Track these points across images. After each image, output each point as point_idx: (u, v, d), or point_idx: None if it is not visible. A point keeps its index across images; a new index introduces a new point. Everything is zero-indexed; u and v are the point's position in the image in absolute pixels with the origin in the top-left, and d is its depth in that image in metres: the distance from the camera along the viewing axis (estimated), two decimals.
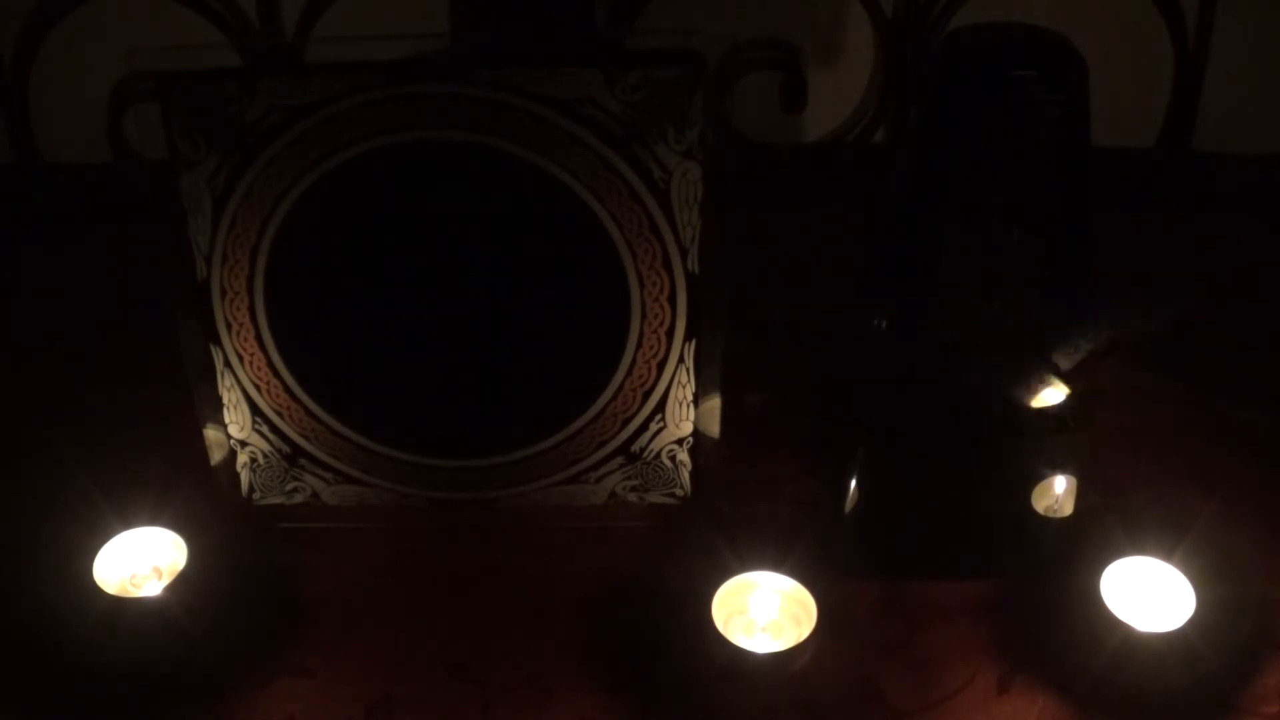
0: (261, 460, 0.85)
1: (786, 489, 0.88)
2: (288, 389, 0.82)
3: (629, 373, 0.81)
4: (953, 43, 0.71)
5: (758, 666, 0.73)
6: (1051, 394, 0.76)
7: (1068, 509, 0.80)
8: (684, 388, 0.81)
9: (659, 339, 0.80)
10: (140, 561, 0.78)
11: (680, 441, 0.84)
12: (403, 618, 0.80)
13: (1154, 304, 1.06)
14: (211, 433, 0.84)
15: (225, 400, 0.83)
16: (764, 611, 0.75)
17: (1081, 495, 0.80)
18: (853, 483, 0.80)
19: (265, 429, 0.84)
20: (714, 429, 0.83)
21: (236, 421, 0.84)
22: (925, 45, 1.10)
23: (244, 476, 0.86)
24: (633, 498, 0.86)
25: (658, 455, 0.84)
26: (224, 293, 0.79)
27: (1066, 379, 0.76)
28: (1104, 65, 0.73)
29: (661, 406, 0.82)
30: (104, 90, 1.09)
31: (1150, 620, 0.74)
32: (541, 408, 0.83)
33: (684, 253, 0.77)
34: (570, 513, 0.86)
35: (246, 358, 0.81)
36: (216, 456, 0.85)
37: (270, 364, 0.81)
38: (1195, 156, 1.17)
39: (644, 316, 0.79)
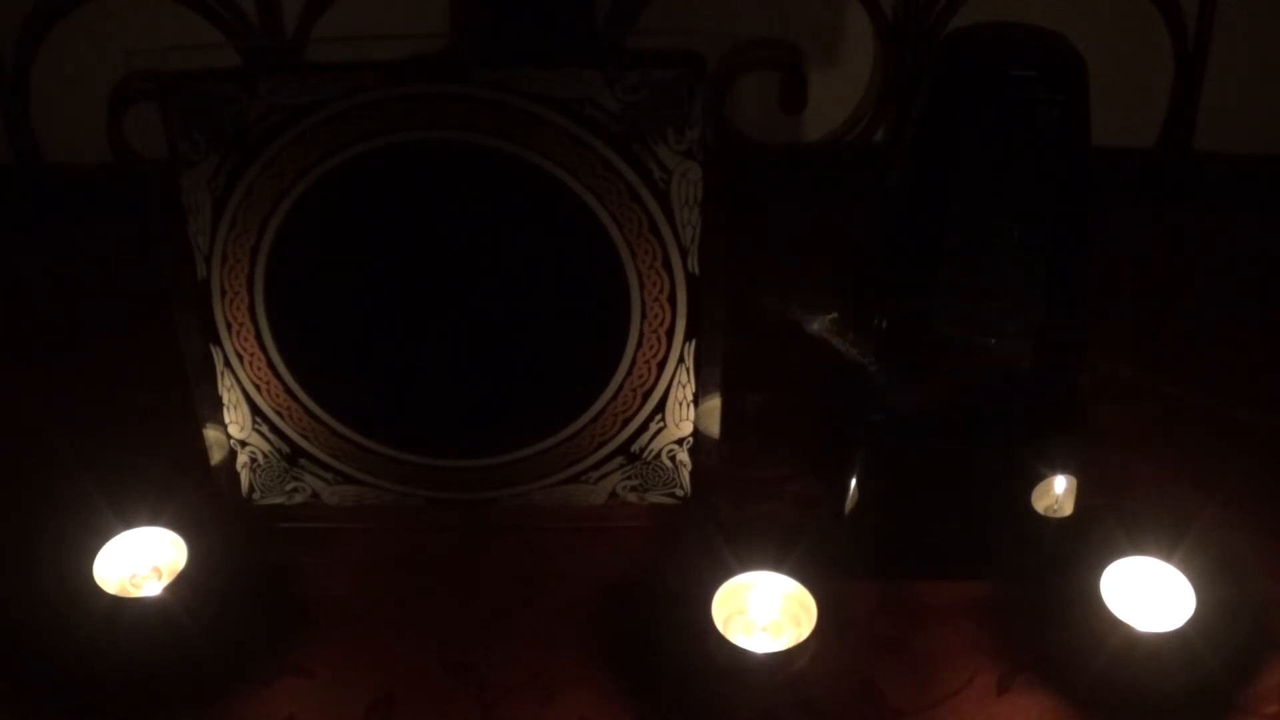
0: (261, 460, 0.85)
1: (786, 489, 0.88)
2: (288, 389, 0.82)
3: (629, 373, 0.81)
4: (953, 43, 0.71)
5: (758, 666, 0.73)
6: (1051, 394, 0.76)
7: (1068, 509, 0.80)
8: (684, 388, 0.81)
9: (659, 339, 0.80)
10: (140, 561, 0.78)
11: (680, 441, 0.84)
12: (403, 618, 0.80)
13: (1152, 303, 1.06)
14: (211, 433, 0.84)
15: (225, 400, 0.83)
16: (764, 611, 0.75)
17: (1081, 495, 0.80)
18: (853, 483, 0.80)
19: (265, 429, 0.84)
20: (714, 429, 0.83)
21: (236, 421, 0.84)
22: (925, 45, 1.10)
23: (244, 476, 0.86)
24: (633, 498, 0.86)
25: (658, 455, 0.84)
26: (224, 293, 0.79)
27: (1066, 378, 0.76)
28: (1104, 65, 0.73)
29: (661, 406, 0.82)
30: (104, 90, 1.09)
31: (1150, 620, 0.74)
32: (541, 407, 0.83)
33: (684, 253, 0.77)
34: (570, 513, 0.86)
35: (246, 358, 0.81)
36: (216, 456, 0.85)
37: (270, 364, 0.81)
38: (1195, 156, 1.17)
39: (644, 316, 0.79)
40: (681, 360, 0.80)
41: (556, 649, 0.77)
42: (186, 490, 0.83)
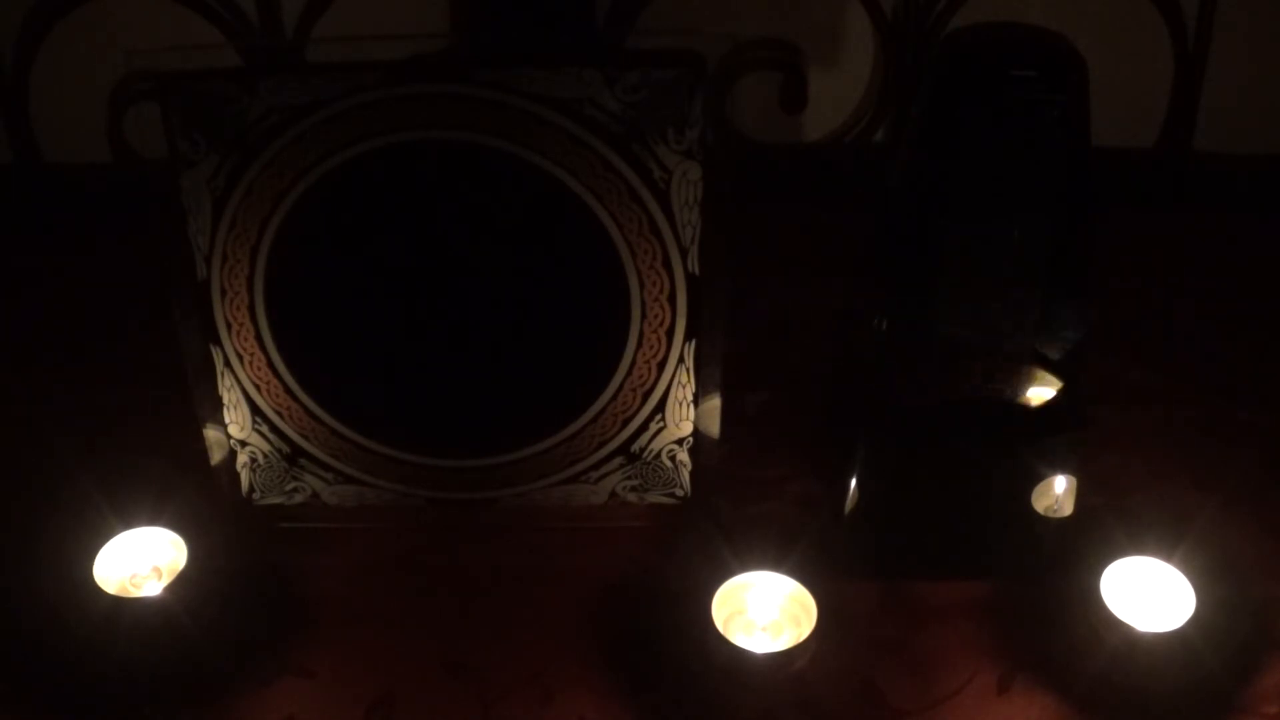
0: (261, 460, 0.85)
1: (786, 489, 0.88)
2: (288, 389, 0.82)
3: (629, 373, 0.81)
4: (953, 43, 0.71)
5: (758, 666, 0.73)
6: (1051, 394, 0.76)
7: (1068, 509, 0.80)
8: (684, 388, 0.81)
9: (659, 339, 0.80)
10: (140, 561, 0.78)
11: (680, 441, 0.84)
12: (403, 618, 0.80)
13: (1153, 304, 1.06)
14: (211, 433, 0.84)
15: (225, 400, 0.83)
16: (764, 611, 0.75)
17: (1081, 495, 0.80)
18: (853, 483, 0.80)
19: (265, 429, 0.84)
20: (714, 429, 0.83)
21: (236, 421, 0.84)
22: (925, 45, 1.10)
23: (244, 476, 0.86)
24: (633, 498, 0.86)
25: (658, 455, 0.84)
26: (224, 293, 0.79)
27: (1066, 378, 0.76)
28: (1104, 65, 0.73)
29: (661, 406, 0.82)
30: (104, 90, 1.09)
31: (1150, 620, 0.74)
32: (542, 407, 0.83)
33: (684, 253, 0.77)
34: (570, 513, 0.86)
35: (246, 358, 0.81)
36: (216, 456, 0.85)
37: (270, 364, 0.81)
38: (1195, 156, 1.17)
39: (644, 316, 0.79)
40: (681, 360, 0.80)
41: (556, 649, 0.77)
42: (186, 490, 0.83)
